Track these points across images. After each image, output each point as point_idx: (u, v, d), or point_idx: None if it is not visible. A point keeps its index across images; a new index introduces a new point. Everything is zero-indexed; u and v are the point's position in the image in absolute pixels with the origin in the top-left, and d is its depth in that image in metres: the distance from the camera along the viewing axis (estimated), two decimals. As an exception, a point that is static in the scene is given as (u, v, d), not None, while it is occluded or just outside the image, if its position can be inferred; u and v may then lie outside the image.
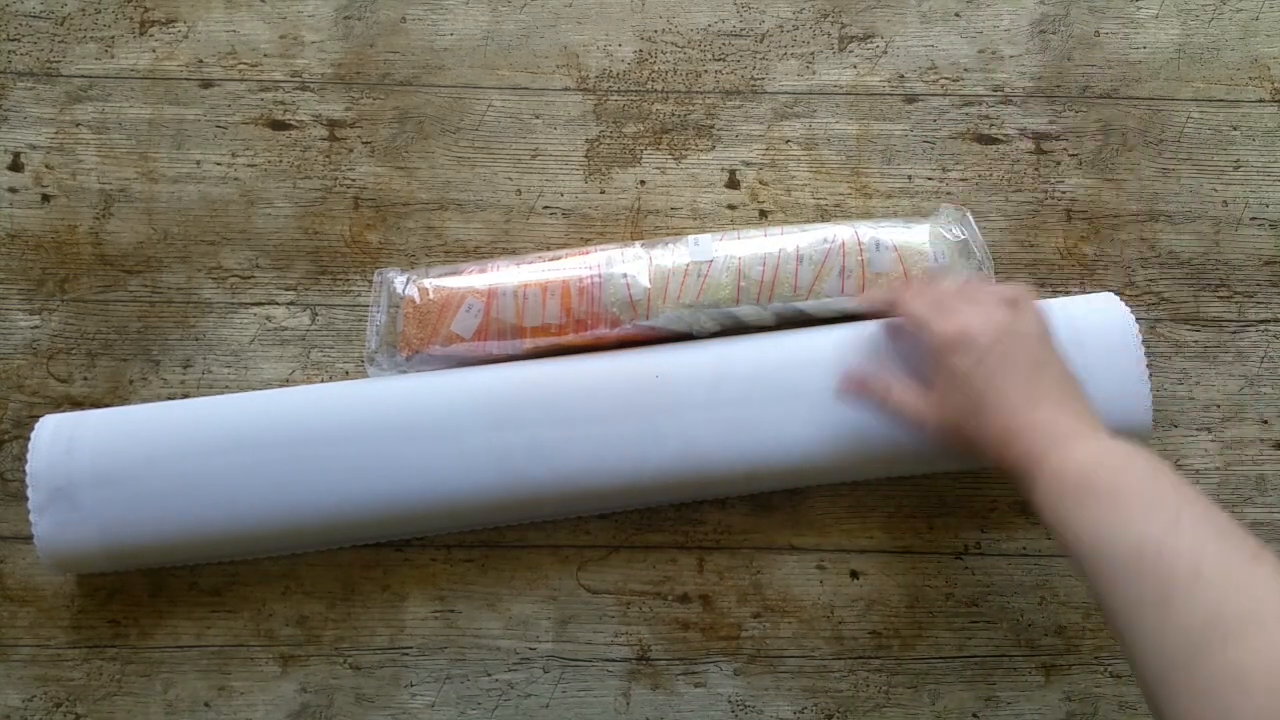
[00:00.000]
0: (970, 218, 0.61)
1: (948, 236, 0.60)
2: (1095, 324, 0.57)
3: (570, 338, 0.59)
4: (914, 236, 0.60)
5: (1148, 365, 0.57)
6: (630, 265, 0.60)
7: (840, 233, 0.60)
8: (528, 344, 0.59)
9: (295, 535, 0.57)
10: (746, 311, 0.59)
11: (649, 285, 0.59)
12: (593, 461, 0.56)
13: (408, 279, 0.60)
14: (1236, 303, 0.64)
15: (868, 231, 0.60)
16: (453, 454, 0.56)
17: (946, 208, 0.61)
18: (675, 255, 0.60)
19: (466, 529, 0.61)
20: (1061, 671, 0.59)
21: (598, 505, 0.60)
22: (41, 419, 0.57)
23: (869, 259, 0.59)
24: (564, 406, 0.57)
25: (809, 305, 0.59)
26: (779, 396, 0.57)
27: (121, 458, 0.55)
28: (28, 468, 0.55)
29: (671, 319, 0.59)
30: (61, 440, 0.56)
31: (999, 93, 0.65)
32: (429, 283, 0.60)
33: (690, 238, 0.60)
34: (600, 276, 0.59)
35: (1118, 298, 0.59)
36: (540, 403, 0.57)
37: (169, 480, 0.55)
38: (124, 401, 0.62)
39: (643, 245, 0.60)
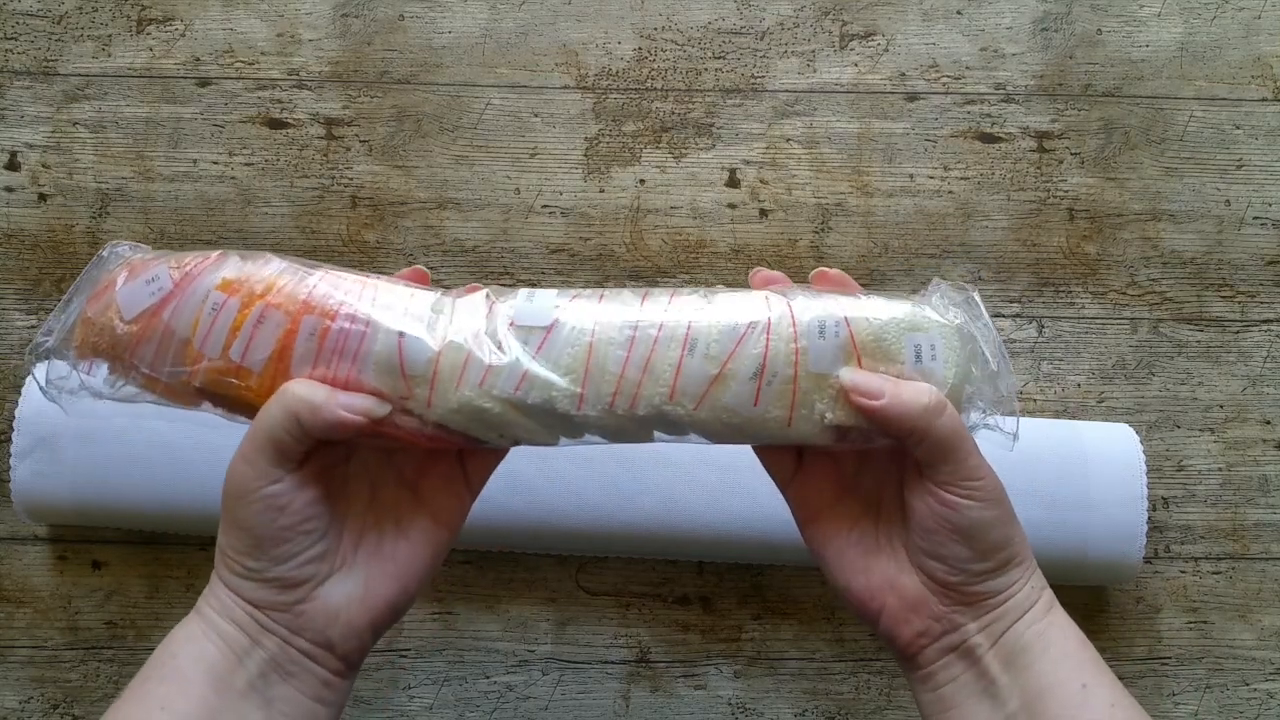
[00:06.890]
0: (978, 298, 0.41)
1: (940, 321, 0.39)
2: (1106, 453, 0.57)
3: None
4: (883, 311, 0.39)
5: (1145, 460, 0.57)
6: (415, 310, 0.38)
7: (767, 309, 0.39)
8: (191, 376, 0.38)
9: None
10: (592, 418, 0.38)
11: (436, 350, 0.37)
12: (567, 501, 0.56)
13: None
14: (1239, 302, 0.63)
15: (809, 308, 0.39)
16: None
17: (940, 284, 0.41)
18: (493, 314, 0.39)
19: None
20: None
21: (568, 547, 0.59)
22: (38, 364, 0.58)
23: (806, 349, 0.38)
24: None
25: (697, 416, 0.38)
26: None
27: (109, 416, 0.56)
28: (17, 412, 0.56)
29: (460, 414, 0.37)
30: None
31: (1001, 91, 0.65)
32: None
33: (522, 291, 0.40)
34: (364, 321, 0.37)
35: (1135, 433, 0.58)
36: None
37: (150, 448, 0.55)
38: (121, 402, 0.62)
39: (457, 293, 0.40)
